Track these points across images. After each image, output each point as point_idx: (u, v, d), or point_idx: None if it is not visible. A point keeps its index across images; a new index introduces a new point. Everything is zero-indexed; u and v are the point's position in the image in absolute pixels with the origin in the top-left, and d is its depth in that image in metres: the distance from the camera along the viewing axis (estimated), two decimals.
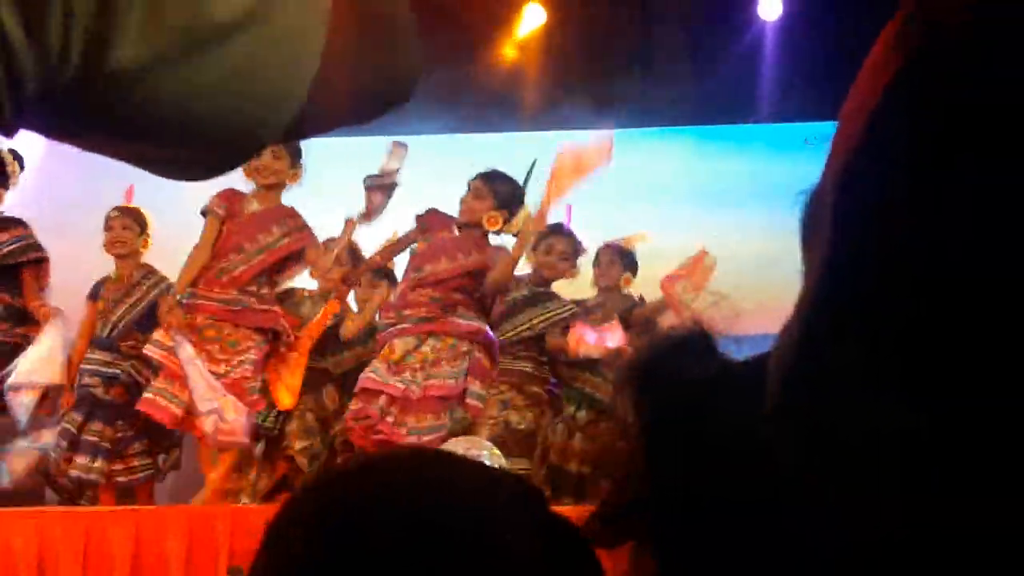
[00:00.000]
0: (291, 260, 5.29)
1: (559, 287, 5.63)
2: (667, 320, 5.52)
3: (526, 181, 5.26)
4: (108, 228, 5.71)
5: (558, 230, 5.54)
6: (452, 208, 5.23)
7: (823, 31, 7.46)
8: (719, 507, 0.62)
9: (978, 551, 0.33)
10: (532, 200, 5.19)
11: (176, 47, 0.50)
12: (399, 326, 5.00)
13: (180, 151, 0.56)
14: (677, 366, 0.67)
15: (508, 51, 8.14)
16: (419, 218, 5.27)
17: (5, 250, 5.37)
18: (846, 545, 0.37)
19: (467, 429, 5.17)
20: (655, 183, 8.45)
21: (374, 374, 4.89)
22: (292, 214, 5.25)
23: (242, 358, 5.03)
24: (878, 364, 0.35)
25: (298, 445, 5.54)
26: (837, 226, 0.38)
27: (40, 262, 5.48)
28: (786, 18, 7.80)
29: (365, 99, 0.63)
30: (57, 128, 0.53)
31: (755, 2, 7.86)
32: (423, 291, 5.00)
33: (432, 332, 4.94)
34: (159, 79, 0.50)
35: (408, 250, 5.39)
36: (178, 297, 5.11)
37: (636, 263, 6.02)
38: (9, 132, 0.50)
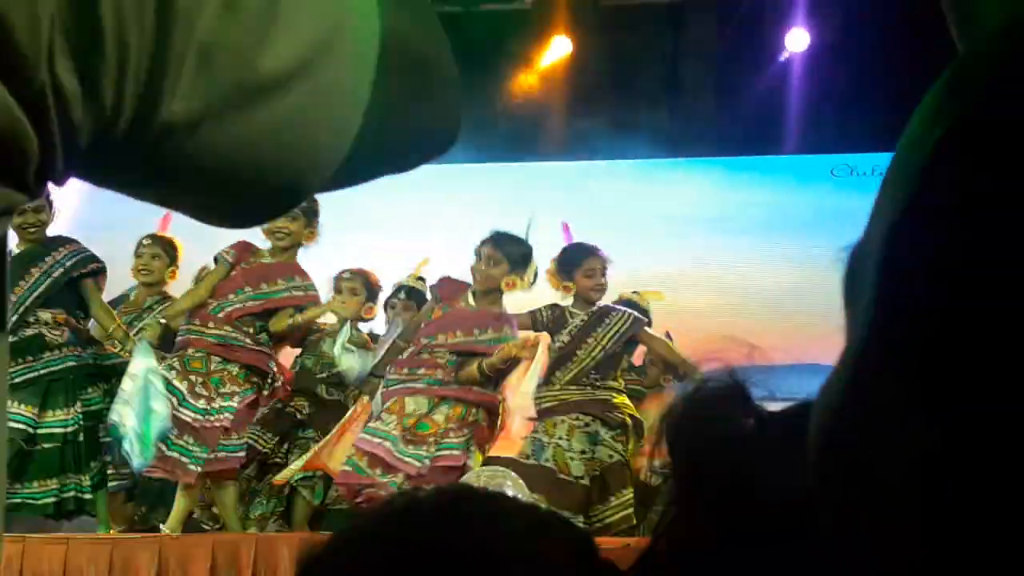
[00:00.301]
0: (280, 312, 5.26)
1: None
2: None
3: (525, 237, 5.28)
4: (138, 255, 5.77)
5: (589, 251, 5.53)
6: (470, 234, 5.25)
7: (850, 63, 7.46)
8: (752, 558, 0.62)
9: (992, 562, 0.33)
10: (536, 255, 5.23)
11: (226, 100, 0.50)
12: (410, 384, 4.98)
13: (224, 200, 0.57)
14: (711, 418, 0.67)
15: (536, 82, 8.18)
16: (434, 289, 5.29)
17: (68, 263, 5.38)
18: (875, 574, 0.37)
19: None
20: (682, 213, 8.45)
21: (390, 444, 4.82)
22: (302, 273, 5.30)
23: (223, 403, 5.02)
24: (923, 405, 0.36)
25: (301, 474, 5.43)
26: (884, 283, 0.38)
27: (98, 273, 5.47)
28: (813, 49, 7.81)
29: (406, 150, 0.64)
30: (107, 177, 0.54)
31: (782, 34, 7.87)
32: (439, 353, 4.99)
33: (445, 397, 4.93)
34: (209, 131, 0.51)
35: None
36: (161, 320, 5.22)
37: (650, 320, 5.98)
38: (60, 181, 0.51)
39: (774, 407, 0.69)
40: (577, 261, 5.42)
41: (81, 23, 0.46)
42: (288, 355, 5.75)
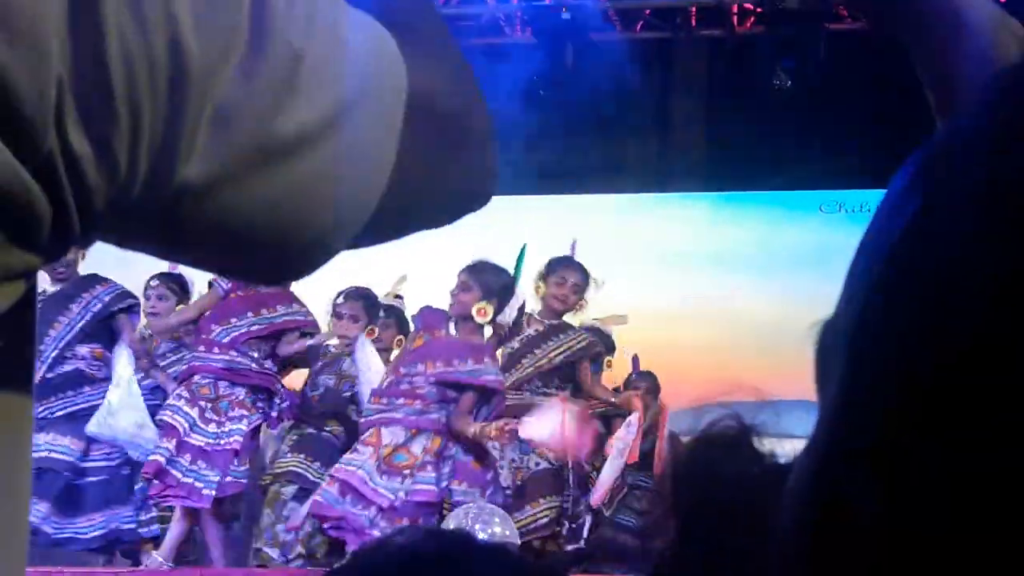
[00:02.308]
0: (287, 336, 5.35)
1: None
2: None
3: (517, 268, 5.31)
4: (145, 296, 5.70)
5: (569, 262, 5.52)
6: (454, 267, 5.27)
7: (840, 99, 7.51)
8: None
9: None
10: (523, 286, 5.28)
11: (244, 163, 0.50)
12: (387, 415, 4.92)
13: (250, 260, 0.57)
14: (715, 461, 0.66)
15: (524, 116, 8.21)
16: (416, 318, 5.28)
17: (106, 298, 5.42)
18: None
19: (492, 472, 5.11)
20: (672, 248, 8.47)
21: (364, 473, 4.76)
22: (297, 300, 5.37)
23: (233, 427, 5.05)
24: (888, 498, 0.35)
25: None
26: (854, 369, 0.37)
27: (133, 308, 5.53)
28: (803, 85, 7.85)
29: (438, 206, 0.64)
30: (128, 238, 0.54)
31: (772, 70, 7.91)
32: (418, 382, 4.94)
33: (422, 429, 4.88)
34: (227, 193, 0.51)
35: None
36: (147, 331, 5.34)
37: (614, 346, 5.98)
38: (83, 243, 0.51)
39: (764, 443, 0.69)
40: (553, 268, 5.42)
41: (92, 87, 0.46)
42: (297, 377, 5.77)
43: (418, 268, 5.53)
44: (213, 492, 4.92)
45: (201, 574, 4.96)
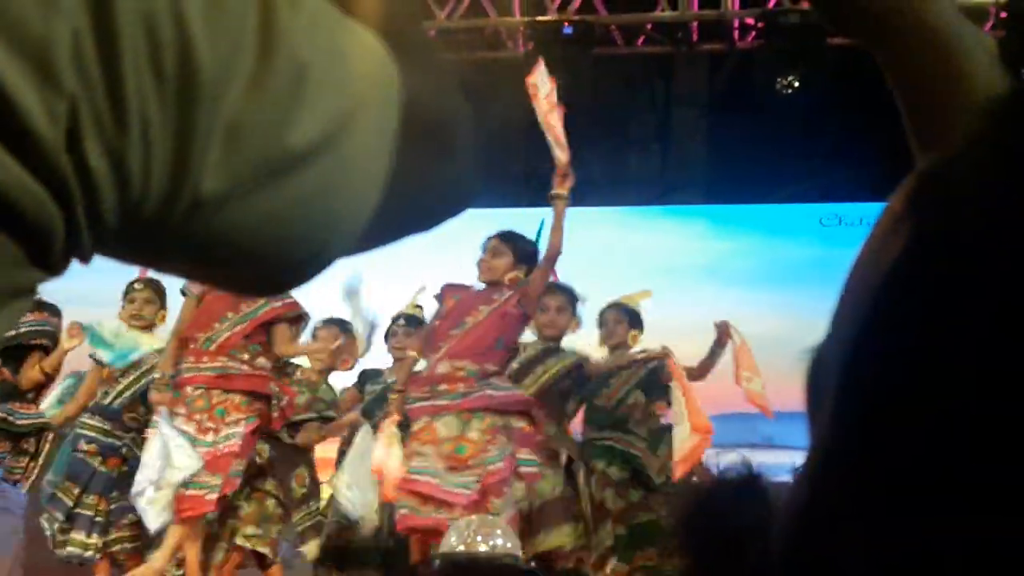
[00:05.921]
0: (278, 327, 5.31)
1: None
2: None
3: (538, 238, 5.31)
4: (130, 300, 5.70)
5: (548, 287, 5.52)
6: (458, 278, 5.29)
7: (839, 113, 7.52)
8: None
9: None
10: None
11: (254, 177, 0.50)
12: (434, 402, 4.92)
13: (251, 272, 0.57)
14: (724, 510, 0.66)
15: (526, 129, 8.22)
16: (439, 296, 5.24)
17: (22, 330, 5.55)
18: None
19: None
20: (671, 260, 8.47)
21: (437, 480, 4.75)
22: None
23: (231, 431, 5.02)
24: (882, 524, 0.35)
25: (248, 531, 5.39)
26: (841, 406, 0.37)
27: (46, 349, 5.69)
28: (802, 99, 7.86)
29: (425, 213, 0.64)
30: (132, 254, 0.54)
31: (772, 83, 7.93)
32: (458, 363, 4.95)
33: (472, 409, 4.87)
34: (236, 207, 0.51)
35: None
36: (168, 375, 5.22)
37: (641, 320, 6.00)
38: (86, 259, 0.51)
39: (765, 455, 0.68)
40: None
41: (105, 104, 0.46)
42: None
43: (433, 280, 5.55)
44: (216, 495, 4.92)
45: None
